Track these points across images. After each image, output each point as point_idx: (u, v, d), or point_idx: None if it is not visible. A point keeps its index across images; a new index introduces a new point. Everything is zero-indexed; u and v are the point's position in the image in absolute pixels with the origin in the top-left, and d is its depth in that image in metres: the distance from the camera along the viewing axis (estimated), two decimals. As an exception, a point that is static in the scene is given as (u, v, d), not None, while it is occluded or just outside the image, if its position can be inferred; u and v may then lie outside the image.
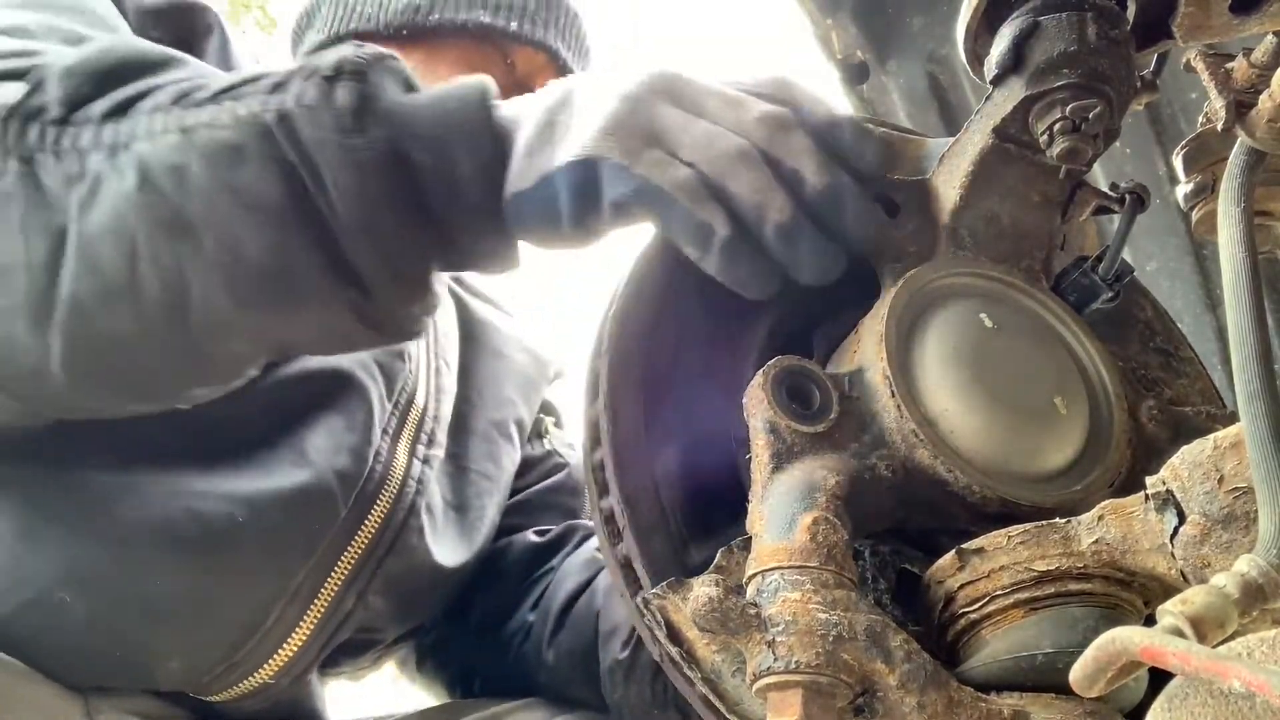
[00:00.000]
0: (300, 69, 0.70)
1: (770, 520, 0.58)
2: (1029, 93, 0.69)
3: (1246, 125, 0.59)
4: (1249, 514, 0.48)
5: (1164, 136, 1.44)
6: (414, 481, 1.04)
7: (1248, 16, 0.61)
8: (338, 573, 0.97)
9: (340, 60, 0.70)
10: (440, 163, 0.69)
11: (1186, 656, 0.37)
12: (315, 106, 0.68)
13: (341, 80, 0.68)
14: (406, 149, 0.69)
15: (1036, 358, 0.71)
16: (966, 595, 0.58)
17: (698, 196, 0.67)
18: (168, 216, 0.69)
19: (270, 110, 0.68)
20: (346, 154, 0.67)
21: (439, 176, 0.69)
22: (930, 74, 1.56)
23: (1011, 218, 0.75)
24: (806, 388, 0.64)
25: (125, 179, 0.69)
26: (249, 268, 0.69)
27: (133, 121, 0.70)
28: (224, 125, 0.68)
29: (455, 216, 0.71)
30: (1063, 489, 0.66)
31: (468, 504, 1.16)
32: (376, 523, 1.00)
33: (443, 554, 1.09)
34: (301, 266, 0.69)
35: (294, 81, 0.69)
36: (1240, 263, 0.53)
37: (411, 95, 0.71)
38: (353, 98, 0.68)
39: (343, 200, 0.67)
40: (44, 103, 0.71)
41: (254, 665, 0.93)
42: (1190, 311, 1.47)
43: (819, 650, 0.51)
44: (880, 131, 0.77)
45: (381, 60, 0.72)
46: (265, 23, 5.93)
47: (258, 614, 0.92)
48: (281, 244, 0.68)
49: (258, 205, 0.68)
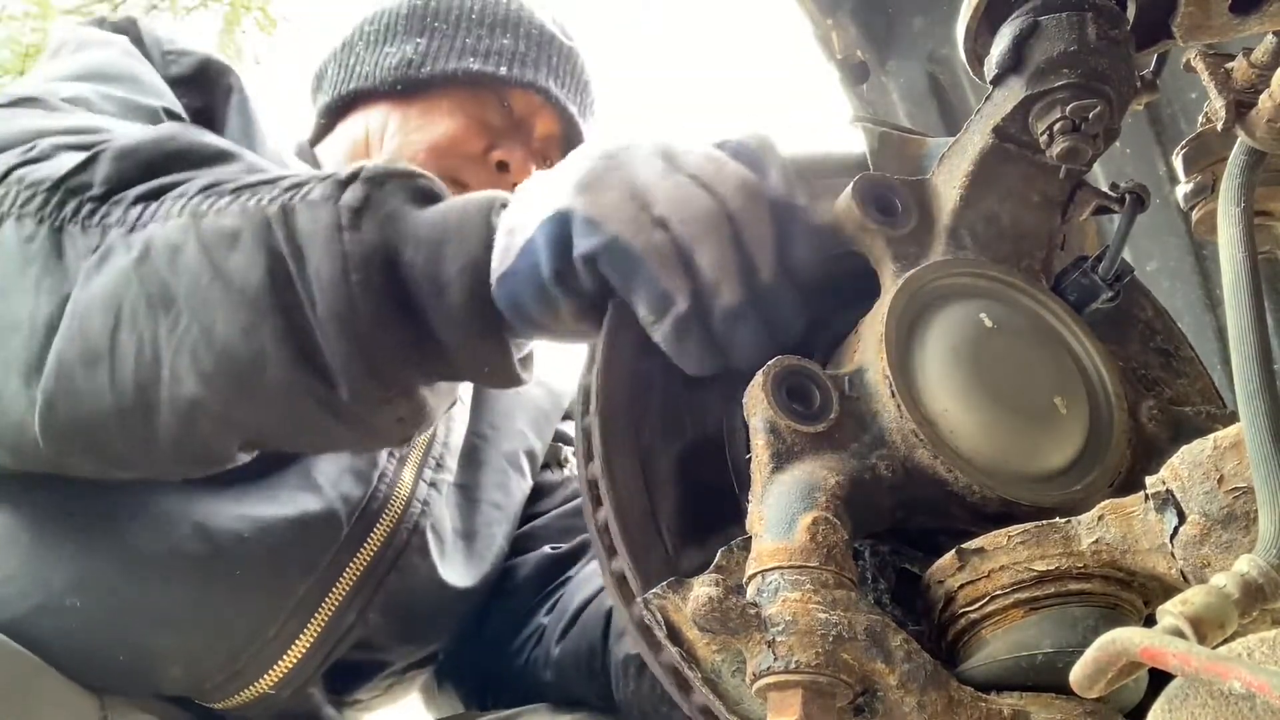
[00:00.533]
0: (318, 175, 0.72)
1: (770, 520, 0.58)
2: (1029, 93, 0.69)
3: (1246, 125, 0.59)
4: (1249, 514, 0.48)
5: (1164, 136, 1.44)
6: (419, 503, 1.06)
7: (1248, 16, 0.61)
8: (339, 589, 0.98)
9: (362, 168, 0.72)
10: (429, 263, 0.70)
11: (1186, 657, 0.37)
12: (318, 203, 0.70)
13: (354, 184, 0.71)
14: (398, 249, 0.70)
15: (1036, 358, 0.70)
16: (966, 595, 0.58)
17: (667, 262, 0.65)
18: (155, 290, 0.71)
19: (276, 204, 0.71)
20: (333, 246, 0.68)
21: (426, 276, 0.70)
22: (930, 74, 1.56)
23: (1011, 218, 0.75)
24: (806, 388, 0.64)
25: (130, 254, 0.72)
26: (218, 348, 0.70)
27: (157, 205, 0.74)
28: (230, 214, 0.71)
29: (439, 316, 0.70)
30: (1063, 489, 0.66)
31: (476, 532, 1.18)
32: (379, 542, 1.01)
33: (449, 575, 1.10)
34: (271, 352, 0.70)
35: (312, 182, 0.72)
36: (1240, 263, 0.53)
37: (424, 206, 0.73)
38: (357, 199, 0.70)
39: (321, 290, 0.68)
40: (90, 180, 0.76)
41: (255, 675, 0.94)
42: (1190, 311, 1.47)
43: (819, 650, 0.51)
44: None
45: (406, 175, 0.73)
46: (265, 23, 5.93)
47: (259, 626, 0.93)
48: (253, 327, 0.69)
49: (238, 288, 0.70)
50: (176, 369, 0.71)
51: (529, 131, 1.27)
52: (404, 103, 1.24)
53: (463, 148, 1.22)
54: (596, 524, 0.65)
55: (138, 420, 0.74)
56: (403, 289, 0.70)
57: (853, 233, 0.72)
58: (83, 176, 0.76)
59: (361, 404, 0.72)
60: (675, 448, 0.70)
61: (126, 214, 0.74)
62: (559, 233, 0.67)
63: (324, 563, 0.96)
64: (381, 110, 1.25)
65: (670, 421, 0.70)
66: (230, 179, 0.75)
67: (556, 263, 0.67)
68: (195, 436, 0.76)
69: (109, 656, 0.88)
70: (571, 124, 1.30)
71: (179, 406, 0.72)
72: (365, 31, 1.30)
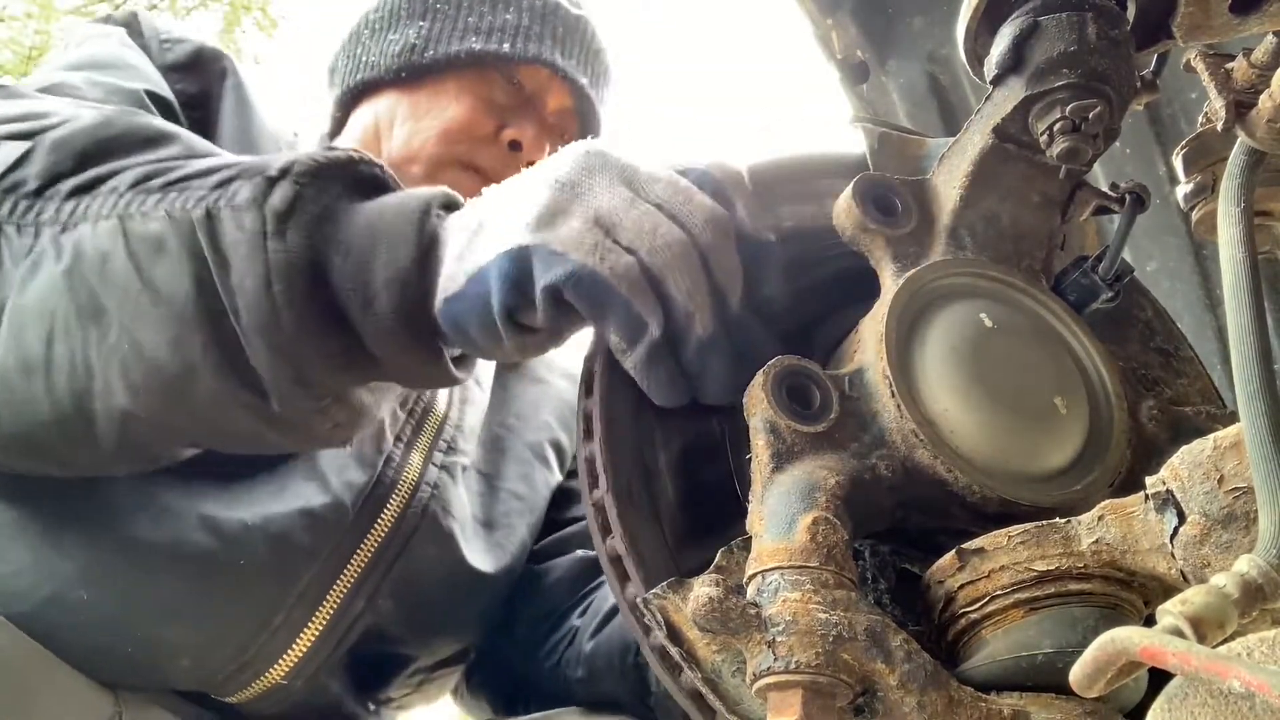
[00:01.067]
0: (251, 167, 0.70)
1: (770, 520, 0.58)
2: (1029, 93, 0.69)
3: (1246, 125, 0.59)
4: (1249, 514, 0.48)
5: (1164, 136, 1.44)
6: (428, 486, 1.05)
7: (1248, 16, 0.61)
8: (346, 575, 0.98)
9: (292, 162, 0.69)
10: (357, 271, 0.68)
11: (1186, 656, 0.37)
12: (243, 207, 0.68)
13: (283, 182, 0.68)
14: (326, 256, 0.68)
15: (1036, 358, 0.70)
16: (966, 595, 0.58)
17: (638, 288, 0.64)
18: (85, 301, 0.71)
19: (201, 207, 0.69)
20: (257, 255, 0.67)
21: (354, 285, 0.68)
22: (930, 74, 1.56)
23: (1011, 218, 0.75)
24: (806, 388, 0.64)
25: (61, 260, 0.72)
26: (148, 360, 0.70)
27: (89, 200, 0.73)
28: (156, 217, 0.70)
29: (367, 326, 0.69)
30: (1063, 489, 0.66)
31: (496, 522, 1.17)
32: (387, 526, 1.01)
33: (471, 558, 1.09)
34: (199, 364, 0.69)
35: (239, 179, 0.69)
36: (1240, 263, 0.53)
37: (359, 203, 0.70)
38: (285, 201, 0.67)
39: (245, 301, 0.67)
40: (25, 175, 0.74)
41: (264, 665, 0.94)
42: (1190, 311, 1.47)
43: (819, 650, 0.51)
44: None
45: (343, 165, 0.71)
46: (265, 24, 5.94)
47: (264, 616, 0.93)
48: (181, 339, 0.69)
49: (164, 299, 0.69)
50: (108, 380, 0.71)
51: (540, 108, 1.24)
52: (411, 89, 1.22)
53: (473, 130, 1.19)
54: (593, 502, 0.65)
55: (78, 428, 0.74)
56: (330, 297, 0.68)
57: (853, 233, 0.73)
58: (19, 173, 0.75)
59: (293, 412, 0.71)
60: (675, 447, 0.70)
61: (60, 210, 0.73)
62: (515, 270, 0.65)
63: (328, 550, 0.96)
64: (389, 99, 1.23)
65: (671, 420, 0.70)
66: (164, 169, 0.73)
67: (510, 298, 0.65)
68: (133, 443, 0.76)
69: (119, 649, 0.88)
70: (583, 96, 1.26)
71: (113, 416, 0.73)
72: (370, 20, 1.28)
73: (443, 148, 1.17)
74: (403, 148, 1.17)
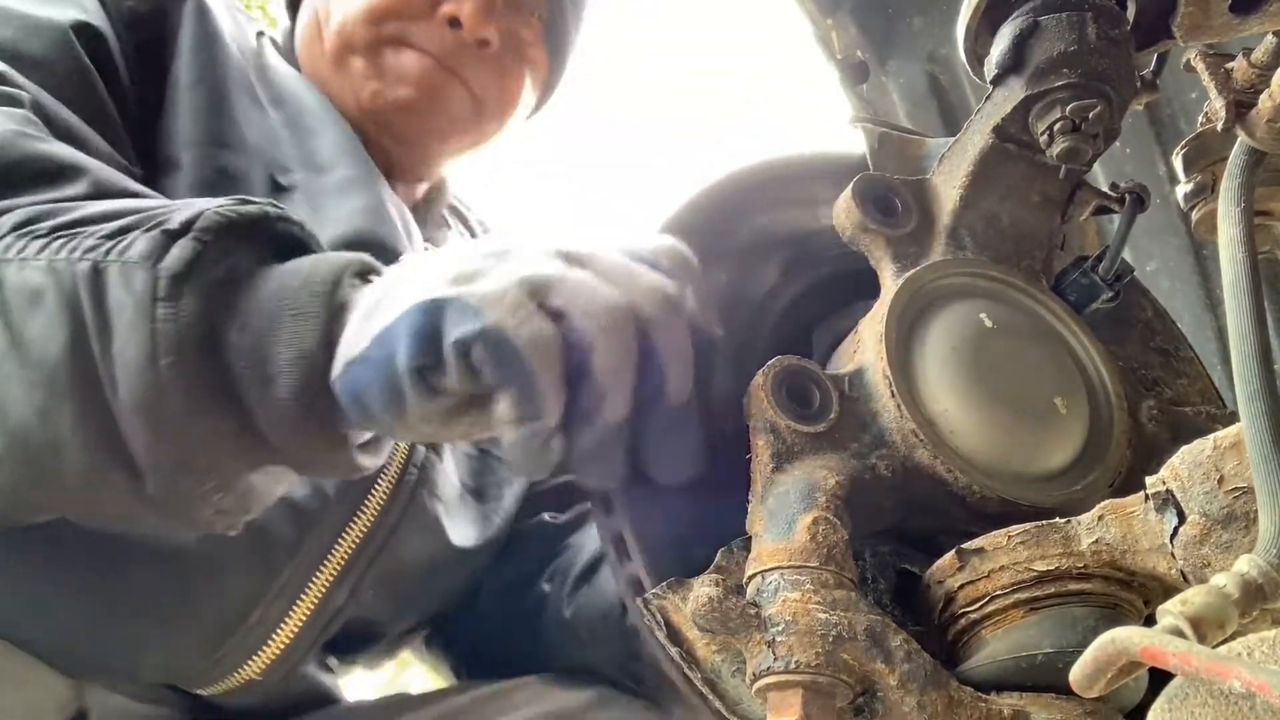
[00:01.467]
0: (153, 216, 0.62)
1: (770, 520, 0.58)
2: (1029, 93, 0.69)
3: (1246, 125, 0.59)
4: (1249, 514, 0.48)
5: (1164, 136, 1.44)
6: (415, 469, 1.00)
7: (1248, 16, 0.61)
8: (328, 569, 0.94)
9: (198, 214, 0.61)
10: (256, 348, 0.60)
11: (1186, 657, 0.37)
12: (134, 265, 0.59)
13: (185, 238, 0.60)
14: (223, 327, 0.60)
15: (1036, 358, 0.71)
16: (966, 595, 0.58)
17: (547, 363, 0.56)
18: None
19: (88, 259, 0.61)
20: (143, 322, 0.58)
21: (251, 363, 0.60)
22: (930, 74, 1.56)
23: (1011, 218, 0.75)
24: (806, 388, 0.64)
25: None
26: (11, 428, 0.62)
27: None
28: (37, 266, 0.62)
29: (263, 409, 0.61)
30: (1063, 489, 0.66)
31: (486, 492, 1.13)
32: (371, 517, 0.97)
33: (454, 535, 1.05)
34: (68, 438, 0.61)
35: (136, 230, 0.61)
36: (1240, 263, 0.53)
37: (268, 268, 0.63)
38: (182, 261, 0.59)
39: (125, 374, 0.59)
40: None
41: (239, 661, 0.92)
42: (1190, 311, 1.47)
43: (819, 650, 0.51)
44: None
45: (258, 220, 0.64)
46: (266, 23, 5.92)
47: (239, 611, 0.90)
48: (49, 409, 0.61)
49: (35, 361, 0.61)
50: None
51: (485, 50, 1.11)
52: None
53: (405, 7, 1.08)
54: None
55: None
56: (224, 374, 0.61)
57: (853, 233, 0.73)
58: None
59: (173, 498, 0.63)
60: None
61: None
62: (426, 323, 0.57)
63: (308, 543, 0.92)
64: None
65: None
66: (58, 210, 0.65)
67: (417, 357, 0.57)
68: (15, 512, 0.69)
69: (85, 645, 0.86)
70: None
71: None
72: None
73: (372, 29, 1.08)
74: (335, 37, 1.09)
